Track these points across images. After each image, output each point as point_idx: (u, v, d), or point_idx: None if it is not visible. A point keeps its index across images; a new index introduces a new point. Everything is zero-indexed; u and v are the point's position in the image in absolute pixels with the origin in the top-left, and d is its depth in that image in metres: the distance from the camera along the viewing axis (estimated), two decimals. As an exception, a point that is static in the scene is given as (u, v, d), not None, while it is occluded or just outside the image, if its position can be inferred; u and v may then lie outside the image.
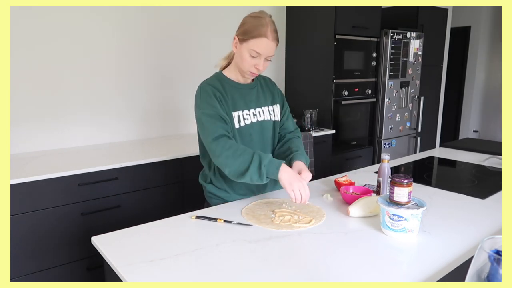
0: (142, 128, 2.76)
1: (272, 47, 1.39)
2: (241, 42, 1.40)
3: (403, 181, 1.16)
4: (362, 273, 0.96)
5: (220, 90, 1.44)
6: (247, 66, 1.42)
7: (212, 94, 1.42)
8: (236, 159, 1.32)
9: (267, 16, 1.41)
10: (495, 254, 0.57)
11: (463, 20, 5.67)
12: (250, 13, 1.44)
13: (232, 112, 1.45)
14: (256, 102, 1.52)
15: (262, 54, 1.38)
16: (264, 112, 1.54)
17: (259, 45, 1.37)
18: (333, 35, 3.03)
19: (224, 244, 1.12)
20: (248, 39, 1.37)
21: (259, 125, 1.52)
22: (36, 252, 1.89)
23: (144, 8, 2.63)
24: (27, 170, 1.91)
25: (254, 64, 1.40)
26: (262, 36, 1.36)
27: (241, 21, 1.44)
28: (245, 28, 1.39)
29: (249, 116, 1.49)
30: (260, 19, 1.38)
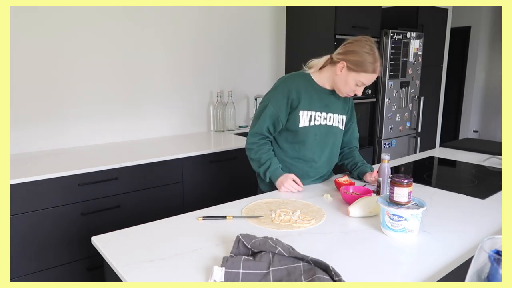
0: (142, 128, 2.76)
1: (374, 79, 1.55)
2: (349, 70, 1.51)
3: (403, 181, 1.16)
4: (362, 273, 0.96)
5: (298, 89, 1.59)
6: (348, 91, 1.56)
7: (286, 95, 1.59)
8: (256, 154, 1.64)
9: (375, 48, 1.51)
10: (495, 254, 0.57)
11: (463, 20, 5.67)
12: (358, 39, 1.53)
13: (303, 111, 1.59)
14: (330, 107, 1.65)
15: (366, 84, 1.54)
16: (334, 119, 1.67)
17: (368, 78, 1.52)
18: (333, 35, 3.03)
19: (224, 244, 1.12)
20: (360, 72, 1.49)
21: (326, 128, 1.66)
22: (36, 252, 1.89)
23: (143, 8, 2.62)
24: (27, 170, 1.91)
25: (355, 90, 1.56)
26: (374, 72, 1.51)
27: (349, 46, 1.53)
28: (358, 60, 1.48)
29: (320, 118, 1.63)
30: (373, 53, 1.49)
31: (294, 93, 1.58)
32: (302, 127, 1.60)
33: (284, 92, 1.59)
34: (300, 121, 1.60)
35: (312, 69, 1.65)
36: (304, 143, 1.64)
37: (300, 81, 1.61)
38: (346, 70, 1.51)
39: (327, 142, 1.68)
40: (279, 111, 1.59)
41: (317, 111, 1.61)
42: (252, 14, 3.18)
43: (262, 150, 1.63)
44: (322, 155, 1.68)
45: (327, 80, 1.61)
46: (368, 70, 1.49)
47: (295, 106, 1.59)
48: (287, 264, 0.92)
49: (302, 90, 1.59)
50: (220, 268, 0.91)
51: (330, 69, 1.59)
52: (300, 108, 1.59)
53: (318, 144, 1.66)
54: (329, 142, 1.68)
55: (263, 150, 1.63)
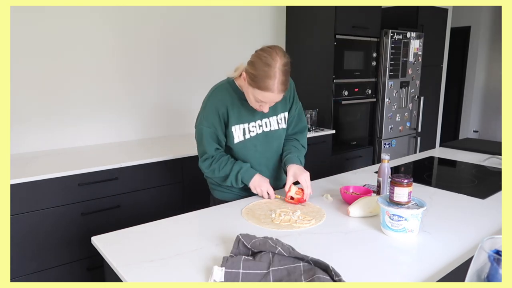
0: (142, 128, 2.76)
1: (277, 98, 1.36)
2: (248, 83, 1.36)
3: (403, 181, 1.16)
4: (362, 273, 0.96)
5: (225, 105, 1.46)
6: (252, 104, 1.42)
7: (215, 112, 1.46)
8: (220, 171, 1.49)
9: (278, 61, 1.30)
10: (495, 254, 0.58)
11: (463, 20, 5.67)
12: (263, 49, 1.35)
13: (234, 125, 1.48)
14: (263, 113, 1.51)
15: (267, 103, 1.38)
16: (272, 123, 1.55)
17: (264, 96, 1.34)
18: (333, 35, 3.03)
19: (224, 244, 1.12)
20: (254, 87, 1.33)
21: (264, 135, 1.54)
22: (36, 252, 1.89)
23: (144, 8, 2.62)
24: (27, 170, 1.91)
25: (259, 105, 1.40)
26: (268, 90, 1.31)
27: (253, 57, 1.36)
28: (254, 74, 1.32)
29: (255, 128, 1.52)
30: (270, 69, 1.30)
31: (222, 109, 1.45)
32: (238, 142, 1.50)
33: (212, 109, 1.45)
34: (234, 137, 1.49)
35: (235, 74, 1.49)
36: (245, 157, 1.53)
37: (225, 95, 1.46)
38: (247, 84, 1.36)
39: (273, 148, 1.58)
40: (215, 130, 1.47)
41: (250, 122, 1.50)
42: (252, 14, 3.18)
43: (222, 163, 1.49)
44: (268, 164, 1.60)
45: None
46: (262, 87, 1.31)
47: (226, 122, 1.48)
48: (287, 264, 0.92)
49: (228, 104, 1.46)
50: (220, 268, 0.91)
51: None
52: (231, 124, 1.47)
53: (261, 155, 1.56)
54: (273, 147, 1.58)
55: (223, 163, 1.49)
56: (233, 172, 1.48)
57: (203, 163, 1.52)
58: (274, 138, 1.57)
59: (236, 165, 1.49)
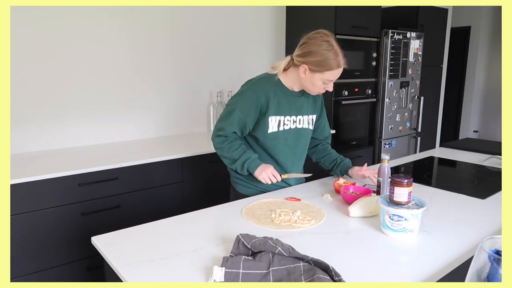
0: (142, 128, 2.76)
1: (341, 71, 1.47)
2: (312, 72, 1.45)
3: (403, 181, 1.16)
4: (362, 273, 0.96)
5: (267, 95, 1.53)
6: (317, 90, 1.51)
7: (255, 100, 1.52)
8: (228, 152, 1.56)
9: (333, 40, 1.44)
10: (495, 254, 0.58)
11: (463, 20, 5.67)
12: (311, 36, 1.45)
13: (272, 116, 1.54)
14: (299, 110, 1.60)
15: (334, 80, 1.48)
16: (304, 121, 1.63)
17: (334, 75, 1.45)
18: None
19: (224, 244, 1.12)
20: (324, 71, 1.43)
21: (296, 131, 1.62)
22: (36, 252, 1.89)
23: (143, 8, 2.63)
24: (27, 170, 1.91)
25: (324, 87, 1.50)
26: (338, 67, 1.44)
27: (306, 47, 1.45)
28: (318, 59, 1.42)
29: (289, 122, 1.59)
30: (330, 49, 1.41)
31: (263, 99, 1.52)
32: (271, 132, 1.56)
33: (252, 98, 1.51)
34: (269, 127, 1.54)
35: (276, 71, 1.58)
36: (274, 149, 1.60)
37: (269, 86, 1.54)
38: (310, 72, 1.45)
39: (298, 146, 1.65)
40: (246, 117, 1.52)
41: (286, 115, 1.57)
42: (252, 14, 3.18)
43: (234, 146, 1.56)
44: (294, 159, 1.66)
45: (294, 82, 1.55)
46: (332, 67, 1.43)
47: (264, 111, 1.53)
48: (287, 264, 0.92)
49: (271, 95, 1.52)
50: (220, 268, 0.91)
51: (294, 70, 1.52)
52: (269, 114, 1.53)
53: (290, 149, 1.62)
54: (300, 145, 1.66)
55: (235, 146, 1.56)
56: (241, 159, 1.54)
57: (217, 138, 1.58)
58: (303, 136, 1.65)
59: (246, 153, 1.55)
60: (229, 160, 1.58)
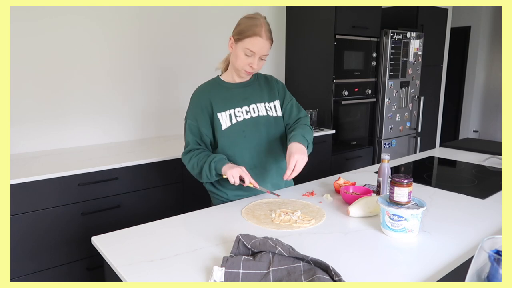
0: (142, 128, 2.76)
1: (266, 46, 1.45)
2: (236, 41, 1.47)
3: (403, 181, 1.16)
4: (362, 273, 0.96)
5: (208, 95, 1.54)
6: (241, 65, 1.48)
7: (198, 104, 1.54)
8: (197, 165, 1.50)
9: (262, 17, 1.47)
10: (495, 254, 0.58)
11: (463, 20, 5.67)
12: (245, 14, 1.51)
13: (220, 112, 1.52)
14: (249, 99, 1.57)
15: (257, 53, 1.45)
16: (260, 109, 1.58)
17: (254, 44, 1.43)
18: (333, 35, 3.03)
19: (224, 244, 1.12)
20: (243, 38, 1.44)
21: (252, 121, 1.56)
22: (36, 252, 1.89)
23: (142, 8, 2.63)
24: (27, 170, 1.91)
25: (248, 63, 1.47)
26: (256, 35, 1.42)
27: (237, 22, 1.51)
28: (240, 28, 1.45)
29: (241, 114, 1.55)
30: (254, 20, 1.45)
31: (205, 100, 1.53)
32: (226, 128, 1.52)
33: (196, 103, 1.54)
34: (222, 124, 1.52)
35: (218, 71, 1.64)
36: (235, 143, 1.53)
37: (208, 87, 1.57)
38: (235, 44, 1.47)
39: (263, 134, 1.56)
40: (197, 123, 1.52)
41: (235, 107, 1.54)
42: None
43: (200, 157, 1.50)
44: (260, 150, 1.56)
45: (232, 74, 1.56)
46: (250, 34, 1.42)
47: (211, 112, 1.52)
48: (287, 264, 0.92)
49: (211, 94, 1.54)
50: (220, 268, 0.91)
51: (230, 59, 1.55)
52: (216, 111, 1.52)
53: (252, 140, 1.55)
54: (262, 134, 1.56)
55: (201, 156, 1.50)
56: (207, 163, 1.46)
57: (185, 156, 1.56)
58: (262, 124, 1.56)
59: (210, 156, 1.48)
60: (200, 173, 1.49)
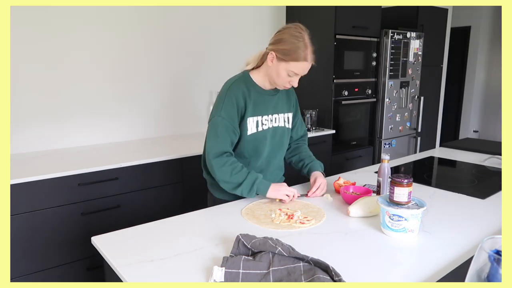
0: (142, 128, 2.76)
1: (308, 67, 1.43)
2: (279, 60, 1.41)
3: (403, 181, 1.16)
4: (362, 273, 0.96)
5: (245, 96, 1.49)
6: (282, 82, 1.46)
7: (235, 103, 1.46)
8: (231, 176, 1.43)
9: (306, 34, 1.41)
10: (495, 254, 0.58)
11: (463, 20, 5.67)
12: (287, 27, 1.43)
13: (250, 117, 1.50)
14: (274, 108, 1.57)
15: (299, 74, 1.43)
16: (280, 119, 1.60)
17: (299, 67, 1.40)
18: (333, 35, 3.03)
19: (224, 244, 1.12)
20: (288, 60, 1.39)
21: (274, 130, 1.58)
22: (36, 252, 1.89)
23: (150, 9, 2.62)
24: (27, 170, 1.91)
25: (289, 81, 1.45)
26: (303, 60, 1.38)
27: (278, 35, 1.43)
28: (286, 48, 1.38)
29: (267, 122, 1.55)
30: (300, 39, 1.38)
31: (241, 101, 1.47)
32: (251, 134, 1.50)
33: (232, 102, 1.46)
34: (248, 129, 1.49)
35: (249, 66, 1.56)
36: (256, 150, 1.54)
37: (244, 87, 1.49)
38: (276, 61, 1.41)
39: (278, 144, 1.61)
40: (233, 123, 1.46)
41: (263, 115, 1.53)
42: (252, 14, 3.18)
43: (236, 169, 1.44)
44: (271, 159, 1.61)
45: (265, 78, 1.51)
46: (298, 58, 1.38)
47: (243, 114, 1.49)
48: (287, 264, 0.92)
49: (247, 96, 1.48)
50: (220, 268, 0.91)
51: (265, 65, 1.49)
52: (247, 115, 1.49)
53: (269, 148, 1.58)
54: (280, 143, 1.61)
55: (237, 169, 1.44)
56: (248, 180, 1.42)
57: (216, 159, 1.44)
58: (280, 134, 1.61)
59: (252, 174, 1.44)
60: (231, 184, 1.44)
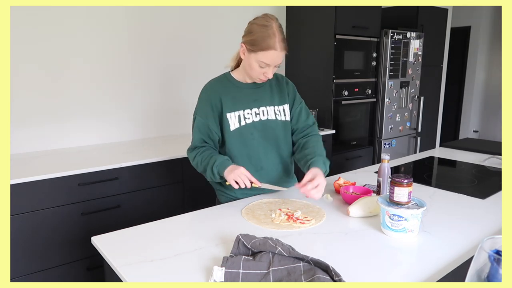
0: (142, 128, 2.76)
1: (280, 57, 1.39)
2: (249, 51, 1.40)
3: (403, 181, 1.16)
4: (362, 273, 0.96)
5: (218, 93, 1.49)
6: (255, 74, 1.44)
7: (208, 101, 1.50)
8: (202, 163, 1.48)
9: (274, 22, 1.37)
10: (495, 254, 0.58)
11: (463, 20, 5.67)
12: (256, 17, 1.41)
13: (229, 113, 1.49)
14: (259, 101, 1.53)
15: (271, 65, 1.40)
16: (269, 112, 1.54)
17: (268, 57, 1.37)
18: (333, 35, 3.03)
19: (224, 244, 1.12)
20: (256, 51, 1.36)
21: (261, 124, 1.53)
22: (36, 252, 1.89)
23: (144, 8, 2.62)
24: (27, 170, 1.91)
25: (263, 72, 1.42)
26: (270, 48, 1.35)
27: (247, 27, 1.42)
28: (253, 38, 1.37)
29: (250, 116, 1.51)
30: (267, 29, 1.35)
31: (214, 98, 1.48)
32: (234, 129, 1.49)
33: (206, 99, 1.50)
34: (230, 124, 1.49)
35: (230, 65, 1.56)
36: (243, 145, 1.52)
37: (218, 84, 1.52)
38: (247, 53, 1.40)
39: (271, 138, 1.55)
40: (206, 120, 1.49)
41: (245, 109, 1.50)
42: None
43: (204, 155, 1.48)
44: (267, 152, 1.56)
45: (244, 75, 1.51)
46: (266, 47, 1.35)
47: (220, 110, 1.49)
48: (287, 264, 0.92)
49: (222, 92, 1.49)
50: (220, 268, 0.91)
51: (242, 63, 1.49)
52: (226, 111, 1.48)
53: (261, 143, 1.53)
54: (271, 137, 1.55)
55: (205, 155, 1.48)
56: (209, 165, 1.44)
57: (190, 153, 1.54)
58: (271, 128, 1.55)
59: (213, 157, 1.45)
60: (204, 173, 1.48)
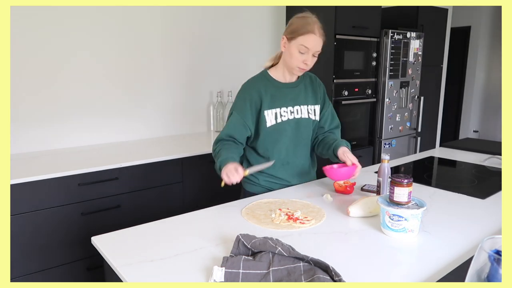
0: (142, 128, 2.76)
1: (319, 43, 1.52)
2: (289, 40, 1.53)
3: (403, 181, 1.16)
4: (362, 273, 0.96)
5: (258, 90, 1.59)
6: (296, 63, 1.53)
7: (248, 99, 1.58)
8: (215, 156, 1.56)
9: (313, 16, 1.54)
10: (495, 254, 0.58)
11: (463, 20, 5.67)
12: (296, 14, 1.57)
13: (267, 110, 1.58)
14: (295, 100, 1.63)
15: (310, 49, 1.51)
16: (302, 111, 1.64)
17: (307, 40, 1.49)
18: (333, 35, 3.03)
19: (224, 244, 1.12)
20: (297, 36, 1.50)
21: (295, 122, 1.63)
22: (36, 252, 1.89)
23: (148, 9, 2.62)
24: (27, 170, 1.91)
25: (303, 60, 1.52)
26: (310, 32, 1.49)
27: (288, 22, 1.58)
28: (293, 27, 1.52)
29: (286, 114, 1.61)
30: (306, 18, 1.52)
31: (255, 96, 1.58)
32: (270, 126, 1.59)
33: (245, 97, 1.59)
34: (267, 121, 1.59)
35: (267, 64, 1.67)
36: (277, 141, 1.62)
37: (259, 82, 1.61)
38: (288, 43, 1.53)
39: (301, 136, 1.66)
40: (243, 117, 1.58)
41: (282, 107, 1.60)
42: (252, 14, 3.18)
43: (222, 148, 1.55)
44: (296, 150, 1.67)
45: (283, 70, 1.62)
46: (304, 32, 1.49)
47: (259, 107, 1.59)
48: (287, 264, 0.92)
49: (262, 90, 1.59)
50: (220, 268, 0.91)
51: (283, 57, 1.61)
52: (264, 108, 1.58)
53: (291, 139, 1.64)
54: (302, 135, 1.67)
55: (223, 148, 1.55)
56: (217, 157, 1.52)
57: (215, 145, 1.61)
58: (304, 126, 1.65)
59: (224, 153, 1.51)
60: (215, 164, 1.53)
